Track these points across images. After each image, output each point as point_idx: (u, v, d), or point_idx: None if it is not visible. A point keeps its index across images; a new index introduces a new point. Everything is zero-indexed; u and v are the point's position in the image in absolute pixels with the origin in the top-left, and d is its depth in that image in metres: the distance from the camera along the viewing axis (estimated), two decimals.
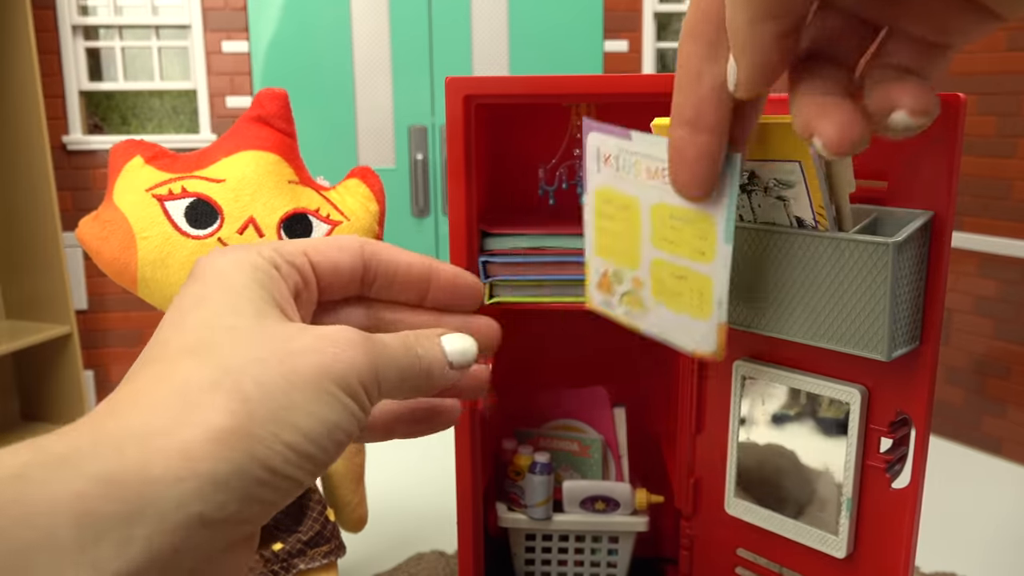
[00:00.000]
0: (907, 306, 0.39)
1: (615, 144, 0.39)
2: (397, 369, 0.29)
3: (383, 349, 0.28)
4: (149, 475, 0.22)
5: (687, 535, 0.56)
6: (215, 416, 0.23)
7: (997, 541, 0.82)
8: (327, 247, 0.31)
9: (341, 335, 0.27)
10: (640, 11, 2.79)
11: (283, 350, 0.25)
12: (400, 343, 0.29)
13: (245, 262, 0.28)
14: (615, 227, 0.40)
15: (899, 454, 0.44)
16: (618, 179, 0.39)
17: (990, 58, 2.26)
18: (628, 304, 0.41)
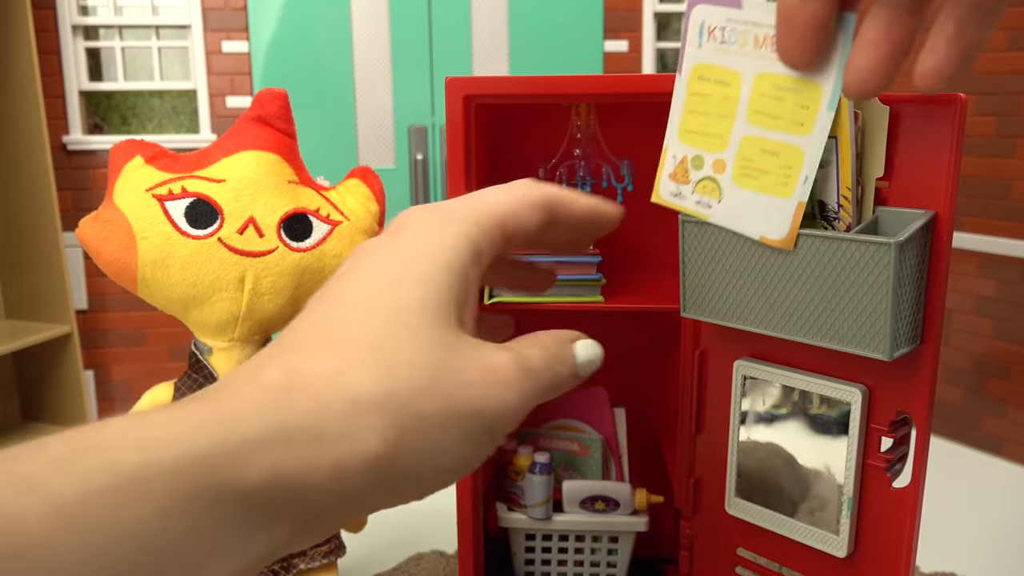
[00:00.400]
0: (908, 305, 0.39)
1: (723, 14, 0.39)
2: (539, 394, 0.29)
3: (534, 383, 0.28)
4: (304, 479, 0.23)
5: (687, 535, 0.56)
6: (370, 440, 0.24)
7: (997, 541, 0.82)
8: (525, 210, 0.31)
9: (503, 376, 0.27)
10: (640, 11, 2.79)
11: (452, 381, 0.26)
12: (546, 366, 0.29)
13: (450, 248, 0.28)
14: (707, 106, 0.41)
15: (899, 453, 0.44)
16: (721, 52, 0.39)
17: (990, 58, 2.26)
18: (702, 192, 0.42)
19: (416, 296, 0.26)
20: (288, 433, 0.23)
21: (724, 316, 0.45)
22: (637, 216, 0.67)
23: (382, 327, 0.26)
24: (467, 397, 0.26)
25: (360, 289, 0.27)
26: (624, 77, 0.52)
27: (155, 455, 0.21)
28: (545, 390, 0.29)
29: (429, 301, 0.27)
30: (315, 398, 0.24)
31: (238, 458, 0.22)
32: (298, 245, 0.58)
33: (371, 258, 0.28)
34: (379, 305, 0.26)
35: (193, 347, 0.60)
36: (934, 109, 0.38)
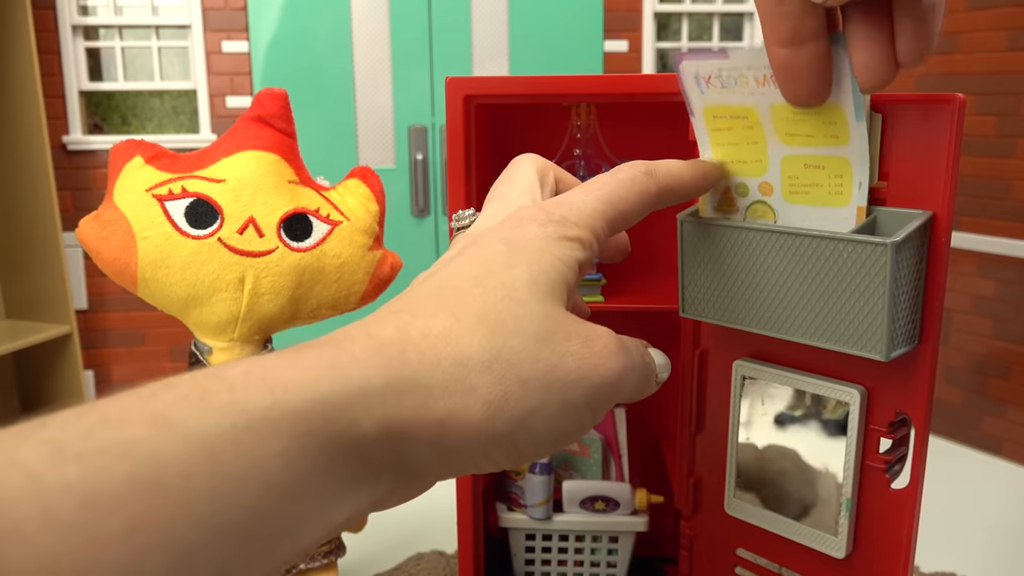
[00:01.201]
0: (906, 306, 0.39)
1: (712, 65, 0.39)
2: (635, 379, 0.30)
3: (632, 360, 0.29)
4: (410, 432, 0.24)
5: (687, 535, 0.56)
6: (475, 401, 0.25)
7: (997, 541, 0.82)
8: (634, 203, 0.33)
9: (604, 345, 0.28)
10: (640, 11, 2.79)
11: (554, 349, 0.27)
12: (638, 351, 0.31)
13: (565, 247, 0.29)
14: (734, 137, 0.41)
15: (898, 454, 0.44)
16: (726, 94, 0.40)
17: (990, 58, 2.26)
18: (754, 216, 0.42)
19: (527, 276, 0.28)
20: (402, 385, 0.24)
21: (723, 316, 0.45)
22: None
23: (494, 299, 0.27)
24: (571, 364, 0.27)
25: (474, 268, 0.28)
26: (624, 77, 0.52)
27: (282, 396, 0.22)
28: (639, 377, 0.30)
29: (539, 281, 0.28)
30: (426, 354, 0.25)
31: (355, 406, 0.23)
32: (298, 245, 0.58)
33: (485, 245, 0.29)
34: (492, 282, 0.28)
35: (193, 347, 0.60)
36: (932, 109, 0.38)
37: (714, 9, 2.88)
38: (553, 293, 0.28)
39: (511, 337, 0.26)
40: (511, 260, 0.28)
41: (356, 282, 0.60)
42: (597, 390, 0.27)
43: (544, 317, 0.27)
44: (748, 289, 0.43)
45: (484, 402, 0.25)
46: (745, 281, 0.43)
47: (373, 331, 0.25)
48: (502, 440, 0.26)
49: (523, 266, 0.28)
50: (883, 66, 0.32)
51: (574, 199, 0.32)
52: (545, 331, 0.27)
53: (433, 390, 0.25)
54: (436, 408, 0.24)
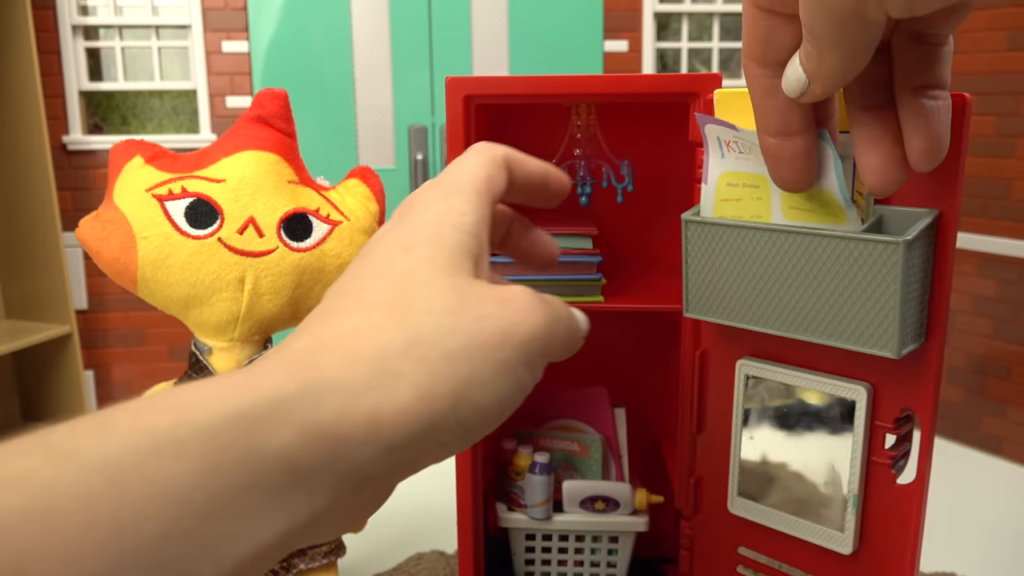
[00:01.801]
0: (914, 304, 0.40)
1: (729, 132, 0.41)
2: (566, 327, 0.30)
3: (555, 310, 0.29)
4: (340, 432, 0.23)
5: (687, 535, 0.56)
6: (402, 387, 0.25)
7: (997, 541, 0.82)
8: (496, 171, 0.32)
9: (523, 302, 0.28)
10: (640, 11, 2.79)
11: (470, 317, 0.26)
12: (559, 301, 0.30)
13: (457, 212, 0.29)
14: (741, 209, 0.43)
15: (903, 450, 0.44)
16: (742, 161, 0.42)
17: (990, 58, 2.26)
18: None
19: (426, 255, 0.28)
20: (319, 389, 0.24)
21: (728, 316, 0.45)
22: (637, 216, 0.67)
23: (398, 287, 0.27)
24: (490, 327, 0.26)
25: (374, 263, 0.28)
26: (624, 77, 0.52)
27: (189, 416, 0.21)
28: (566, 328, 0.30)
29: (439, 257, 0.28)
30: (343, 354, 0.25)
31: (270, 416, 0.22)
32: (298, 245, 0.58)
33: (383, 237, 0.29)
34: (392, 271, 0.28)
35: (193, 347, 0.60)
36: None
37: (714, 9, 2.88)
38: (455, 264, 0.28)
39: (423, 316, 0.26)
40: (407, 243, 0.28)
41: None
42: (526, 345, 0.27)
43: (450, 290, 0.27)
44: (755, 289, 0.43)
45: (412, 385, 0.25)
46: (752, 281, 0.43)
47: (287, 346, 0.25)
48: (444, 419, 0.25)
49: (420, 247, 0.28)
50: (890, 168, 0.33)
51: (457, 164, 0.32)
52: (455, 303, 0.27)
53: (355, 387, 0.24)
54: (362, 404, 0.24)
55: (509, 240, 0.37)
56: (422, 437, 0.25)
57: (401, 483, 0.27)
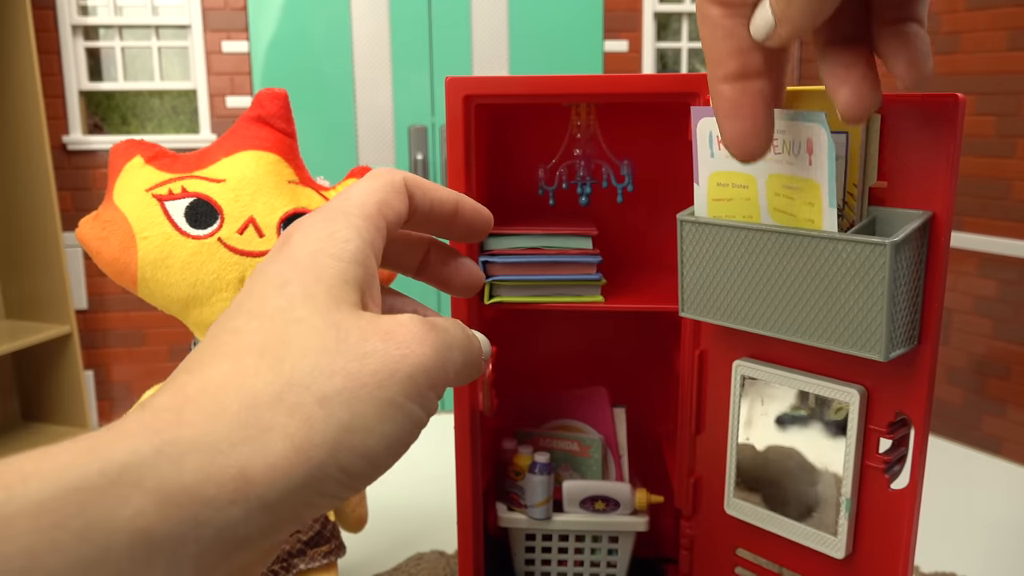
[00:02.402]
0: (905, 306, 0.39)
1: None
2: (461, 352, 0.28)
3: (446, 338, 0.27)
4: (204, 495, 0.21)
5: (687, 535, 0.56)
6: (274, 439, 0.23)
7: (997, 541, 0.82)
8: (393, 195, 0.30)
9: (409, 333, 0.26)
10: (640, 11, 2.79)
11: (350, 355, 0.25)
12: (454, 325, 0.29)
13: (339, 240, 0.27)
14: (733, 209, 0.43)
15: (898, 455, 0.44)
16: (732, 159, 0.41)
17: (990, 58, 2.26)
18: None
19: (303, 289, 0.26)
20: (179, 449, 0.22)
21: (722, 316, 0.45)
22: (637, 216, 0.67)
23: (273, 327, 0.25)
24: (373, 364, 0.25)
25: (250, 301, 0.26)
26: (624, 77, 0.52)
27: (20, 491, 0.19)
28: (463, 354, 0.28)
29: (317, 290, 0.26)
30: (208, 407, 0.23)
31: (118, 484, 0.20)
32: None
33: (260, 271, 0.27)
34: (267, 309, 0.26)
35: (193, 347, 0.60)
36: (932, 108, 0.38)
37: None
38: (335, 297, 0.26)
39: (298, 359, 0.24)
40: (284, 278, 0.26)
41: None
42: (414, 379, 0.25)
43: (329, 327, 0.25)
44: (748, 289, 0.43)
45: (285, 436, 0.23)
46: (745, 281, 0.43)
47: (149, 402, 0.23)
48: (324, 468, 0.23)
49: (296, 281, 0.26)
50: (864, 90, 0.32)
51: (349, 189, 0.30)
52: (334, 341, 0.25)
53: (220, 443, 0.22)
54: (228, 462, 0.22)
55: (427, 267, 0.36)
56: (300, 491, 0.23)
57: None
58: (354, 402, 0.24)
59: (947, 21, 2.35)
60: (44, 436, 2.56)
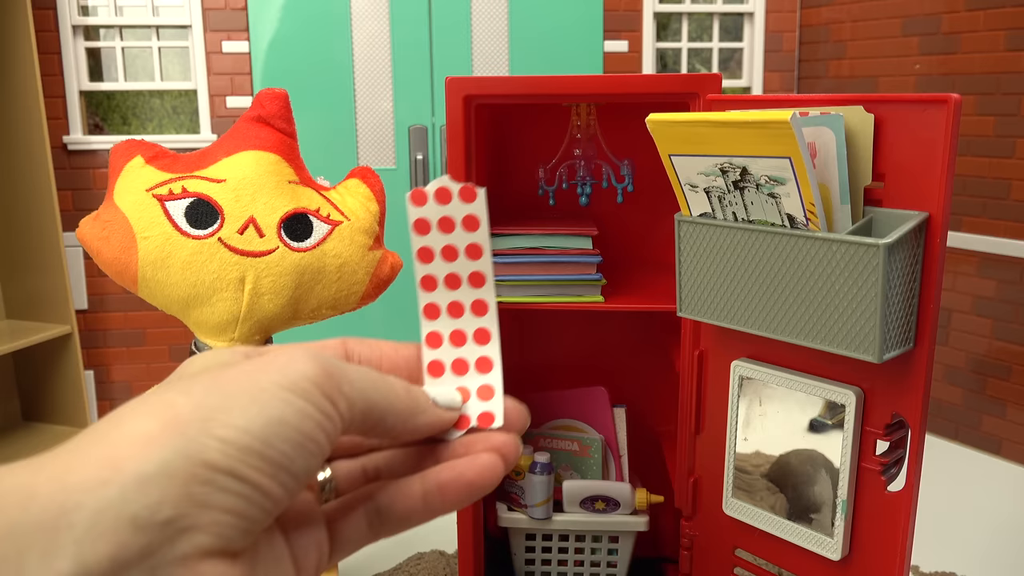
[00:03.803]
0: (900, 308, 0.39)
1: None
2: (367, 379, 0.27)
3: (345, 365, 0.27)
4: (67, 483, 0.21)
5: (687, 535, 0.56)
6: (141, 422, 0.22)
7: (997, 541, 0.82)
8: None
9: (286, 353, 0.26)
10: (640, 11, 2.79)
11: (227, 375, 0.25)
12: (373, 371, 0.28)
13: None
14: None
15: (895, 457, 0.44)
16: None
17: (989, 58, 2.26)
18: None
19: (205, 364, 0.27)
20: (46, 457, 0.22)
21: (719, 316, 0.45)
22: (637, 216, 0.67)
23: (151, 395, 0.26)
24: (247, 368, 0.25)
25: None
26: (624, 77, 0.52)
27: None
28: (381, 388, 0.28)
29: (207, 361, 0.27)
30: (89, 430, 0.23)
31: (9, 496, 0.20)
32: (298, 245, 0.58)
33: None
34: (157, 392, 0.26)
35: (193, 347, 0.60)
36: (927, 109, 0.39)
37: (714, 9, 2.88)
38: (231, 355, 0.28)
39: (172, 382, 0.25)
40: None
41: (356, 282, 0.60)
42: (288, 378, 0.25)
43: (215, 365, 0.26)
44: (744, 289, 0.43)
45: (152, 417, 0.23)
46: (741, 281, 0.43)
47: None
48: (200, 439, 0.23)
49: None
50: None
51: None
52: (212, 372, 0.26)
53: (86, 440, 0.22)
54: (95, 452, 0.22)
55: None
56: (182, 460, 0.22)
57: None
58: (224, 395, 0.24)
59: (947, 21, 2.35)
60: (44, 436, 2.56)
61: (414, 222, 0.33)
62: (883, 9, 2.46)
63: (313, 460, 0.25)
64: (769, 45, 2.85)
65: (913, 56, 2.35)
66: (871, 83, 2.48)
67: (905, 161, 0.40)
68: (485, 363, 0.34)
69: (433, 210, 0.33)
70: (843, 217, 0.38)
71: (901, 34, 2.40)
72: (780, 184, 0.39)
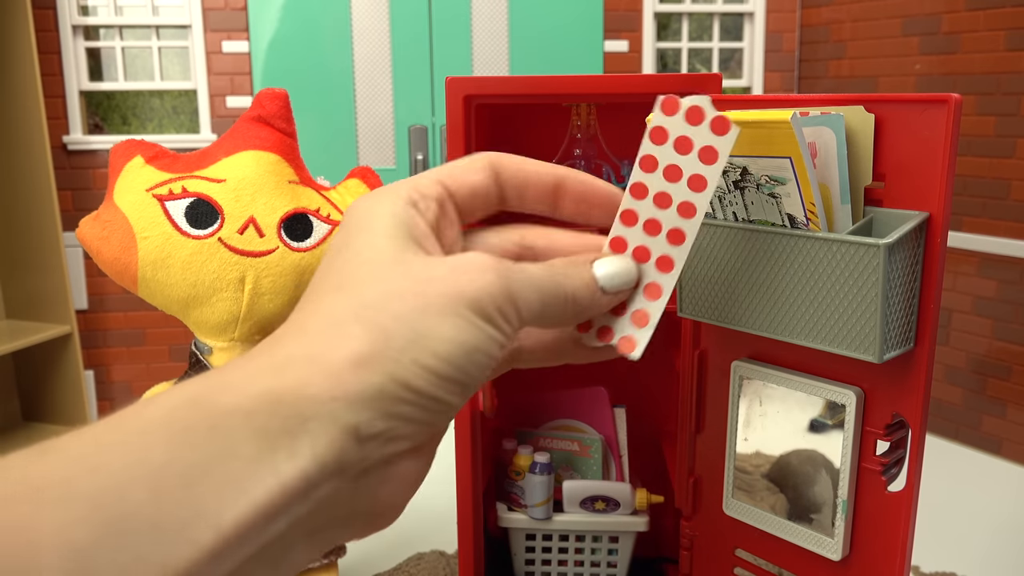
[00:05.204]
0: (900, 308, 0.39)
1: None
2: (537, 292, 0.30)
3: (519, 274, 0.30)
4: (306, 393, 0.25)
5: (687, 535, 0.56)
6: (357, 344, 0.26)
7: (997, 541, 0.82)
8: (461, 172, 0.33)
9: (473, 263, 0.29)
10: (640, 11, 2.79)
11: (417, 281, 0.28)
12: (542, 268, 0.31)
13: (383, 205, 0.31)
14: None
15: (896, 457, 0.44)
16: None
17: (990, 58, 2.26)
18: None
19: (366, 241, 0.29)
20: (277, 362, 0.26)
21: (719, 316, 0.45)
22: None
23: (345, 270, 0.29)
24: (439, 288, 0.27)
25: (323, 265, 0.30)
26: (624, 77, 0.52)
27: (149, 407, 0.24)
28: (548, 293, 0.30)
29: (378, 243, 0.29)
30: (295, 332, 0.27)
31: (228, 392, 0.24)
32: (298, 245, 0.58)
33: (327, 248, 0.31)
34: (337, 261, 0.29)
35: (193, 347, 0.60)
36: (927, 109, 0.38)
37: (714, 9, 2.88)
38: (397, 241, 0.29)
39: (370, 288, 0.27)
40: (347, 239, 0.30)
41: None
42: (479, 301, 0.28)
43: (395, 263, 0.28)
44: (745, 289, 0.43)
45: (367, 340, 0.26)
46: (742, 281, 0.43)
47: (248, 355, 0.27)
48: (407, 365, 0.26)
49: (360, 236, 0.30)
50: None
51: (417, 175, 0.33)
52: (401, 274, 0.28)
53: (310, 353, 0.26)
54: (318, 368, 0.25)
55: None
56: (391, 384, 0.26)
57: None
58: (423, 316, 0.27)
59: (947, 21, 2.35)
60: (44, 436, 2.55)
61: (653, 128, 0.32)
62: (883, 9, 2.46)
63: (490, 371, 0.29)
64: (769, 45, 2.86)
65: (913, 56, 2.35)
66: (871, 83, 2.48)
67: (905, 161, 0.40)
68: (654, 289, 0.34)
69: (677, 125, 0.32)
70: (843, 217, 0.38)
71: (901, 34, 2.40)
72: (780, 184, 0.39)
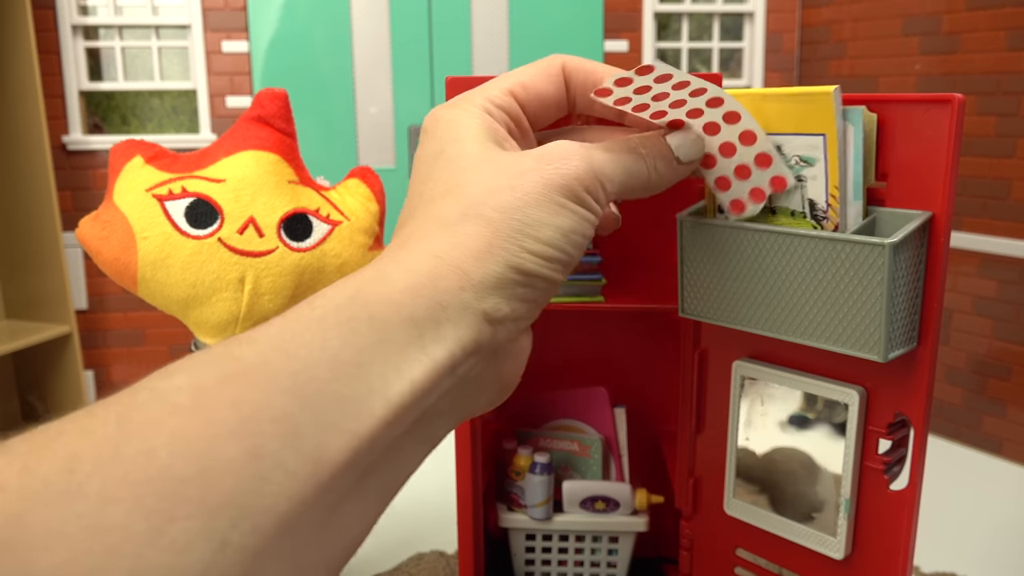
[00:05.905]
0: (904, 307, 0.39)
1: None
2: (621, 168, 0.33)
3: (602, 154, 0.33)
4: (440, 286, 0.28)
5: (687, 535, 0.56)
6: (470, 240, 0.30)
7: (997, 541, 0.82)
8: (532, 80, 0.36)
9: (558, 151, 0.32)
10: (640, 11, 2.79)
11: (511, 176, 0.31)
12: (621, 145, 0.34)
13: (463, 115, 0.34)
14: None
15: (898, 456, 0.44)
16: None
17: (990, 58, 2.26)
18: None
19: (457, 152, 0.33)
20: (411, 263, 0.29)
21: (722, 317, 0.45)
22: (637, 216, 0.67)
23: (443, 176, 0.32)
24: (532, 179, 0.31)
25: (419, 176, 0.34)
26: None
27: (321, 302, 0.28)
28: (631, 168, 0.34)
29: (469, 149, 0.32)
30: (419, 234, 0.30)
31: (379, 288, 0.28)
32: (298, 245, 0.58)
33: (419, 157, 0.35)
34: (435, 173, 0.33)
35: (193, 347, 0.60)
36: (930, 109, 0.38)
37: (714, 9, 2.88)
38: (484, 144, 0.33)
39: (471, 188, 0.31)
40: (440, 148, 0.33)
41: None
42: (570, 186, 0.31)
43: (487, 163, 0.32)
44: (747, 289, 0.43)
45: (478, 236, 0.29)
46: (744, 281, 0.43)
47: None
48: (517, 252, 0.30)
49: (451, 146, 0.33)
50: None
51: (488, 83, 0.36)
52: (494, 172, 0.31)
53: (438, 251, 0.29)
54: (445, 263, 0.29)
55: None
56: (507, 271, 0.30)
57: None
58: (525, 207, 0.30)
59: (947, 21, 2.35)
60: None
61: None
62: (883, 9, 2.46)
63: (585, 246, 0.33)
64: (769, 45, 2.86)
65: (913, 56, 2.35)
66: (871, 83, 2.48)
67: (908, 161, 0.40)
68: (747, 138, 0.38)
69: None
70: (854, 213, 0.38)
71: (901, 34, 2.40)
72: (809, 165, 0.39)
